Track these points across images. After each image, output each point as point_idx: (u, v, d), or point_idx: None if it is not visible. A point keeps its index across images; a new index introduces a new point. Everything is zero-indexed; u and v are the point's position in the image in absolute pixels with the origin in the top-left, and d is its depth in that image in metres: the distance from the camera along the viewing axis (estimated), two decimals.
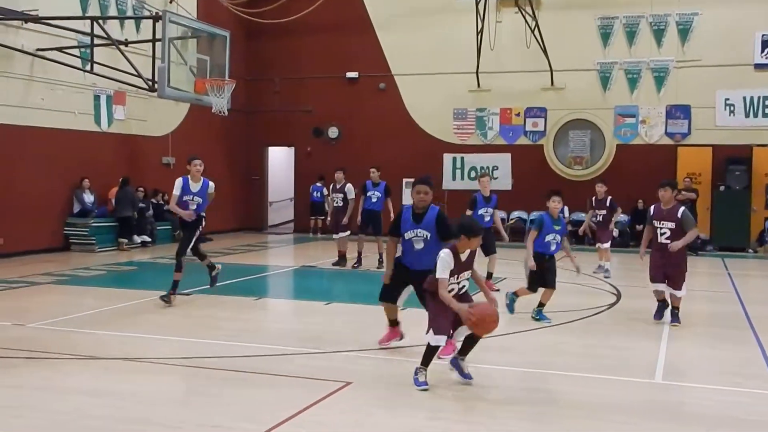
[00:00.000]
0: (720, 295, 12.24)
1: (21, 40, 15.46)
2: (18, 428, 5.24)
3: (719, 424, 5.57)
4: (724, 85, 19.64)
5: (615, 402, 6.11)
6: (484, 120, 21.70)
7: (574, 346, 8.21)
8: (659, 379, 6.84)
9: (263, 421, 5.38)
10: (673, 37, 20.11)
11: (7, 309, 9.91)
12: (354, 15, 22.19)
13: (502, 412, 5.80)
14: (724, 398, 6.25)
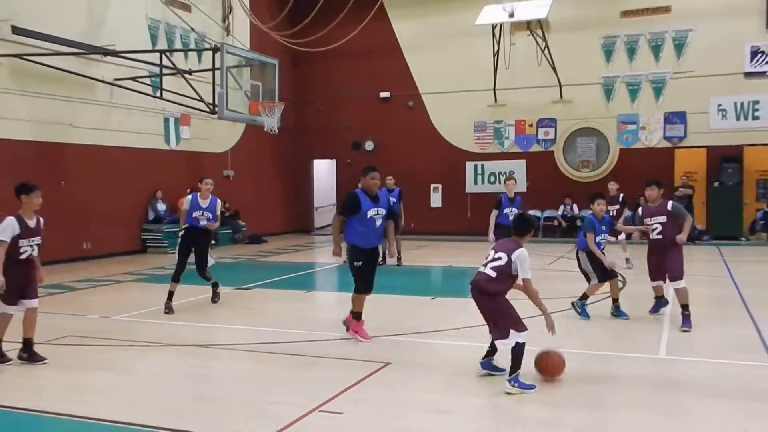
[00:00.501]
0: (716, 280, 12.06)
1: (102, 71, 15.71)
2: (106, 407, 5.33)
3: (718, 393, 5.52)
4: (716, 92, 19.30)
5: (624, 375, 6.09)
6: (501, 131, 21.59)
7: (584, 327, 8.16)
8: (663, 355, 6.79)
9: (315, 397, 5.45)
10: (669, 52, 19.81)
11: (94, 303, 10.11)
12: (385, 41, 22.22)
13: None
14: (722, 370, 6.19)
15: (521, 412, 5.19)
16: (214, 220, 9.77)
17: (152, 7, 17.25)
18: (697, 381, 5.93)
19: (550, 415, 5.13)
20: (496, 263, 5.77)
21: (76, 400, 5.49)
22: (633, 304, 9.02)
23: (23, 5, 14.00)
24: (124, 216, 16.68)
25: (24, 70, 14.03)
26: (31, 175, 14.05)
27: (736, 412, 5.14)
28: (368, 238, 7.44)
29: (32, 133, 14.36)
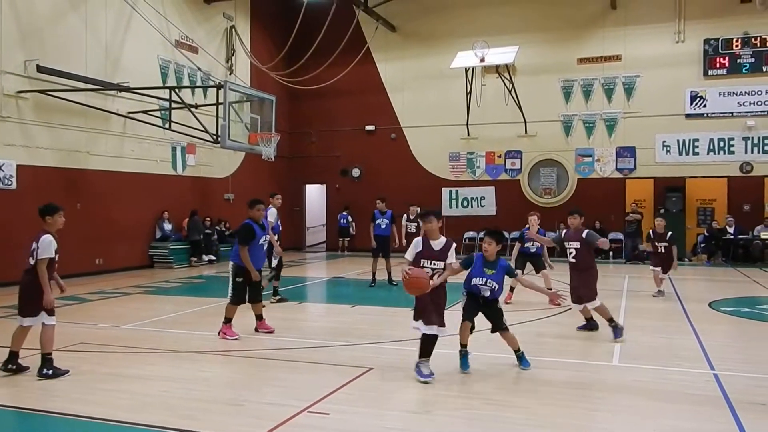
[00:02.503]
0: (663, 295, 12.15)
1: (116, 105, 15.68)
2: (115, 407, 5.27)
3: (666, 397, 5.55)
4: (661, 130, 19.62)
5: (582, 381, 6.09)
6: (473, 161, 21.74)
7: (547, 337, 8.19)
8: (616, 362, 6.82)
9: (305, 398, 5.41)
10: (620, 94, 20.13)
11: (106, 314, 9.98)
12: (371, 81, 22.38)
13: (496, 389, 5.80)
14: (669, 376, 6.22)
15: (494, 413, 5.18)
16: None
17: (163, 48, 17.28)
18: (645, 386, 5.94)
19: (519, 417, 5.12)
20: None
21: (89, 402, 5.41)
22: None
23: (47, 46, 13.97)
24: (133, 234, 16.54)
25: (47, 104, 13.96)
26: (52, 197, 13.92)
27: (672, 413, 5.17)
28: (257, 260, 8.10)
29: (53, 160, 14.26)
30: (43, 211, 6.47)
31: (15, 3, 13.29)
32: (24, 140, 13.59)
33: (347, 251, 22.17)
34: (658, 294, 11.64)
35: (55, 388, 5.83)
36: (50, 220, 6.42)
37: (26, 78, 13.54)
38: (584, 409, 5.27)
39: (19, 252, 12.78)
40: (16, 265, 13.45)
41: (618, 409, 5.27)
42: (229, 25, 20.12)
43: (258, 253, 8.11)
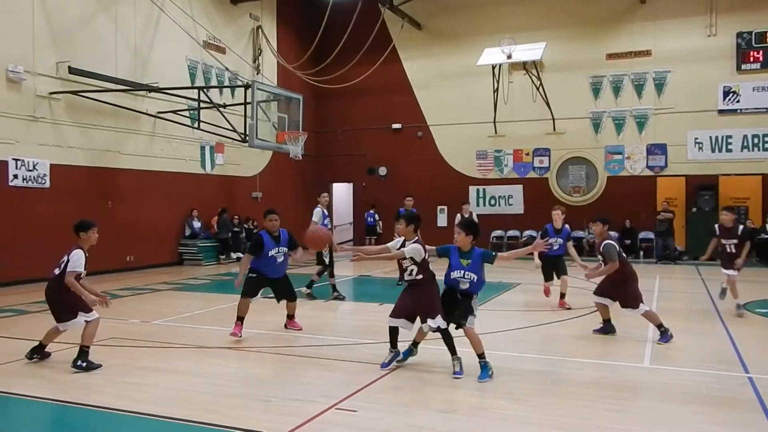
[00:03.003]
0: (695, 296, 11.92)
1: (146, 105, 15.91)
2: (142, 401, 5.34)
3: (697, 400, 5.43)
4: (693, 126, 19.25)
5: (611, 382, 5.99)
6: (500, 159, 21.58)
7: (573, 337, 8.07)
8: (647, 364, 6.69)
9: (333, 395, 5.41)
10: (650, 90, 19.80)
11: (135, 310, 10.12)
12: (397, 79, 22.35)
13: (523, 390, 5.74)
14: (701, 379, 6.08)
15: (520, 414, 5.12)
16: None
17: (191, 49, 17.47)
18: (676, 388, 5.82)
19: (544, 417, 5.05)
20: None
21: (119, 395, 5.48)
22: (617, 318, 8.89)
23: (78, 48, 14.23)
24: (163, 232, 16.76)
25: (78, 105, 14.21)
26: (84, 196, 14.27)
27: (703, 416, 5.05)
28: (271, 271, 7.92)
29: (85, 160, 14.51)
30: (77, 227, 6.56)
31: (47, 6, 13.56)
32: (57, 140, 13.86)
33: None
34: (738, 310, 9.50)
35: (86, 381, 5.93)
36: (84, 236, 6.53)
37: (58, 79, 13.80)
38: (612, 410, 5.17)
39: (51, 249, 13.06)
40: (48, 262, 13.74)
41: (647, 411, 5.17)
42: (256, 25, 20.26)
43: (270, 263, 7.84)
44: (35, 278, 12.74)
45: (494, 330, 8.39)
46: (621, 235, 19.74)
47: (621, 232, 19.72)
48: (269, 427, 4.68)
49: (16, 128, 12.98)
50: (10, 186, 12.82)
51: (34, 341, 6.79)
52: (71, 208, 13.78)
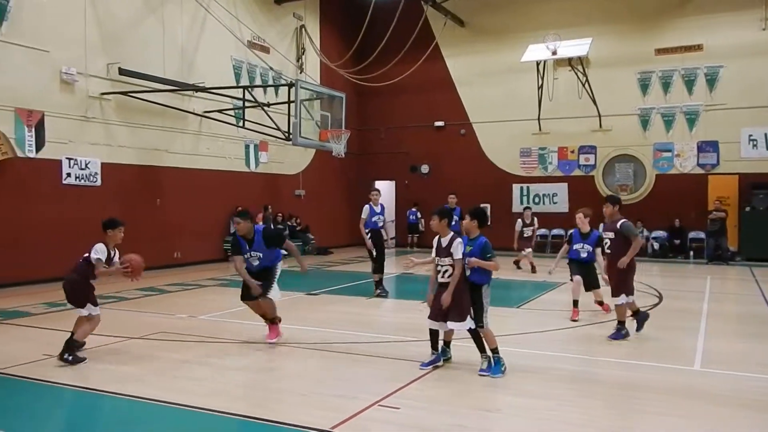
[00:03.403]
0: (748, 298, 11.53)
1: (192, 105, 16.24)
2: (189, 393, 5.46)
3: (748, 405, 5.26)
4: (747, 123, 18.58)
5: (659, 385, 5.86)
6: (545, 156, 21.30)
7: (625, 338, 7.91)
8: (697, 367, 6.52)
9: (376, 392, 5.44)
10: (701, 86, 19.21)
11: (182, 305, 10.35)
12: (440, 76, 22.27)
13: (569, 391, 5.66)
14: (752, 383, 5.90)
15: (565, 414, 5.06)
16: (385, 222, 11.31)
17: (236, 49, 17.76)
18: (726, 393, 5.65)
19: (587, 418, 4.98)
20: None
21: (165, 388, 5.63)
22: (666, 319, 8.70)
23: (128, 50, 14.61)
24: (209, 229, 17.08)
25: (128, 105, 14.60)
26: (133, 194, 14.66)
27: (751, 422, 4.89)
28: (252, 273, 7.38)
29: (134, 158, 14.90)
30: (106, 225, 6.80)
31: (98, 10, 13.97)
32: (107, 139, 14.27)
33: (416, 247, 22.16)
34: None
35: (133, 374, 6.10)
36: (111, 234, 6.76)
37: (109, 80, 14.21)
38: (659, 414, 5.05)
39: None
40: None
41: (694, 415, 5.03)
42: (299, 24, 20.47)
43: (248, 266, 7.37)
44: None
45: (536, 330, 8.31)
46: (670, 235, 19.29)
47: (670, 232, 19.27)
48: (312, 422, 4.73)
49: (70, 128, 13.42)
50: (64, 184, 13.26)
51: (91, 334, 7.03)
52: (121, 206, 14.19)
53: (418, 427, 4.68)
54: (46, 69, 12.89)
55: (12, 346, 7.34)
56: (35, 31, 12.64)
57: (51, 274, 12.68)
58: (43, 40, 12.77)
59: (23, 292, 11.53)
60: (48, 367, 6.33)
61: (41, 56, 12.75)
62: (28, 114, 12.52)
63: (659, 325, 8.75)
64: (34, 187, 12.68)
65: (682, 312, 9.66)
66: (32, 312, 9.59)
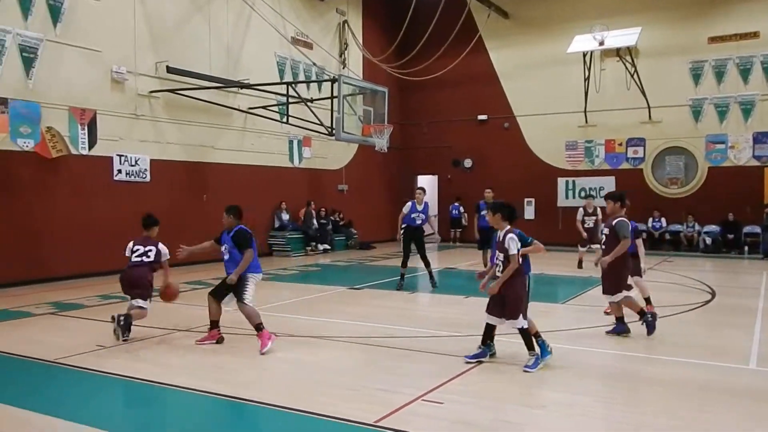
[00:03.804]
0: None
1: (238, 101, 16.49)
2: (236, 385, 5.54)
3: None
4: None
5: (710, 383, 5.70)
6: (591, 149, 20.88)
7: (674, 335, 7.72)
8: (753, 366, 6.31)
9: (419, 387, 5.45)
10: (758, 75, 18.50)
11: (230, 298, 10.53)
12: (483, 69, 22.06)
13: (613, 388, 5.56)
14: None
15: (611, 412, 4.97)
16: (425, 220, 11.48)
17: (280, 45, 17.95)
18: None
19: (636, 418, 4.88)
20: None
21: (211, 378, 5.75)
22: (719, 316, 8.44)
23: (176, 49, 14.93)
24: (253, 224, 17.14)
25: (176, 103, 14.93)
26: (180, 189, 15.00)
27: None
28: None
29: (182, 155, 15.24)
30: (155, 222, 7.90)
31: (147, 10, 14.31)
32: (156, 136, 14.63)
33: (459, 242, 22.07)
34: None
35: (180, 365, 6.26)
36: (155, 230, 7.85)
37: (157, 79, 14.55)
38: (712, 413, 4.92)
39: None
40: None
41: (749, 415, 4.88)
42: (342, 19, 20.55)
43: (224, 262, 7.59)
44: None
45: (581, 326, 8.17)
46: (723, 229, 18.69)
47: (723, 226, 18.67)
48: (356, 415, 4.77)
49: (120, 126, 13.81)
50: (115, 180, 13.66)
51: (141, 326, 7.27)
52: (169, 202, 14.55)
53: (462, 422, 4.67)
54: (98, 68, 13.29)
55: (67, 337, 7.61)
56: (88, 31, 13.03)
57: (103, 268, 13.12)
58: (95, 41, 13.16)
59: (77, 285, 11.94)
60: (101, 358, 6.54)
61: (94, 56, 13.14)
62: (81, 112, 12.94)
63: (712, 323, 8.52)
64: (87, 183, 13.10)
65: (736, 309, 9.36)
66: (86, 304, 9.92)
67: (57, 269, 12.44)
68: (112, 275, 13.07)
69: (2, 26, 11.57)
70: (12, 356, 6.68)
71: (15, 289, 11.29)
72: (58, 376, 6.00)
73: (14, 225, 11.85)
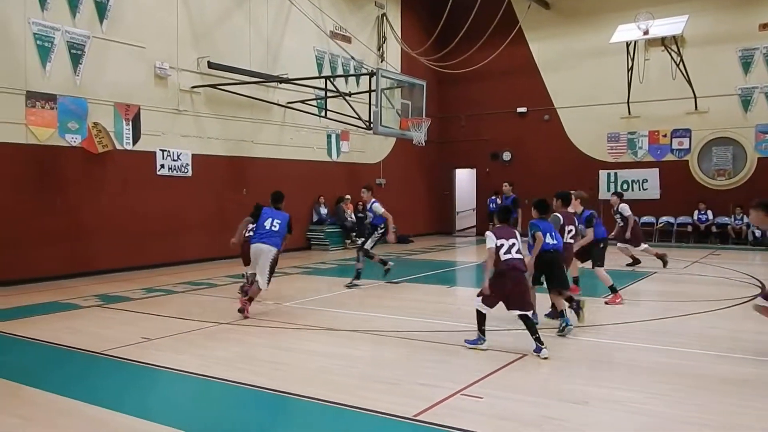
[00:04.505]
0: None
1: (277, 96, 16.61)
2: (277, 378, 5.61)
3: None
4: None
5: (760, 379, 5.51)
6: (634, 141, 20.40)
7: (723, 330, 7.49)
8: None
9: (458, 381, 5.41)
10: None
11: (270, 292, 10.56)
12: (522, 61, 21.73)
13: (658, 383, 5.42)
14: None
15: (656, 408, 4.84)
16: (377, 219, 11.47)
17: (318, 39, 18.01)
18: None
19: (685, 414, 4.74)
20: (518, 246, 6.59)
21: (257, 372, 5.81)
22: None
23: (217, 44, 15.11)
24: (293, 218, 17.40)
25: (216, 98, 15.12)
26: (221, 184, 15.20)
27: None
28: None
29: (223, 149, 15.43)
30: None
31: (189, 6, 14.51)
32: (197, 131, 14.85)
33: None
34: None
35: (222, 357, 6.34)
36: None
37: (199, 74, 14.75)
38: (756, 409, 4.74)
39: (192, 233, 14.03)
40: (189, 245, 14.72)
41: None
42: (380, 13, 20.49)
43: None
44: (177, 261, 13.84)
45: (628, 320, 7.99)
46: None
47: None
48: (396, 409, 4.76)
49: (163, 121, 14.05)
50: (158, 175, 13.92)
51: (185, 319, 7.37)
52: (210, 196, 14.76)
53: (502, 417, 4.62)
54: (142, 64, 13.54)
55: (113, 329, 7.79)
56: (132, 28, 13.29)
57: (148, 261, 13.43)
58: (139, 37, 13.41)
59: (122, 278, 12.22)
60: (145, 350, 6.68)
61: (138, 52, 13.40)
62: (126, 108, 13.21)
63: (761, 317, 8.22)
64: (131, 178, 13.38)
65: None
66: (131, 297, 10.14)
67: (103, 263, 12.75)
68: (155, 269, 13.40)
69: (52, 24, 11.89)
70: (59, 347, 6.87)
71: (63, 282, 11.63)
72: (102, 367, 6.15)
73: (62, 219, 12.19)
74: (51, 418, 4.75)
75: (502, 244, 6.50)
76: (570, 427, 4.47)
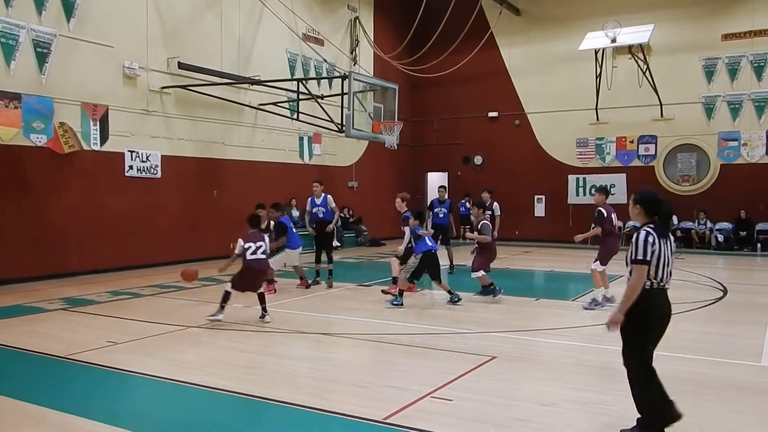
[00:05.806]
0: None
1: (249, 98, 16.49)
2: (245, 381, 5.56)
3: None
4: None
5: (721, 380, 5.63)
6: (602, 147, 20.75)
7: (685, 332, 7.64)
8: (765, 363, 6.24)
9: (428, 384, 5.42)
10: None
11: (239, 295, 10.49)
12: (494, 66, 21.95)
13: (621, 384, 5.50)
14: None
15: (623, 410, 4.92)
16: (329, 213, 11.95)
17: (291, 41, 17.93)
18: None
19: None
20: None
21: (224, 376, 5.75)
22: (731, 314, 8.34)
23: (187, 45, 14.94)
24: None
25: (187, 99, 14.94)
26: (191, 185, 15.02)
27: None
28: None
29: (193, 151, 15.24)
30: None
31: (159, 6, 14.33)
32: (167, 132, 14.65)
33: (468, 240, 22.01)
34: None
35: (191, 361, 6.26)
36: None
37: (169, 74, 14.57)
38: (723, 411, 4.86)
39: (161, 235, 13.82)
40: (160, 248, 14.47)
41: (762, 412, 4.81)
42: (353, 16, 20.50)
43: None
44: (146, 263, 13.62)
45: (590, 323, 8.11)
46: (735, 227, 18.54)
47: (736, 224, 18.51)
48: (365, 412, 4.75)
49: (132, 121, 13.84)
50: (127, 176, 13.69)
51: (152, 322, 7.25)
52: (180, 197, 14.57)
53: (472, 419, 4.64)
54: (111, 64, 13.31)
55: (78, 332, 7.64)
56: (100, 27, 13.06)
57: (116, 264, 13.19)
58: (108, 36, 13.18)
59: (89, 281, 11.99)
60: (111, 354, 6.56)
61: (107, 52, 13.17)
62: (93, 108, 12.98)
63: (723, 319, 8.43)
64: (99, 179, 13.14)
65: (748, 306, 9.25)
66: (97, 300, 9.95)
67: (69, 265, 12.50)
68: (123, 271, 13.17)
69: (16, 21, 11.63)
70: (24, 351, 6.71)
71: (28, 285, 11.35)
72: (68, 372, 6.02)
73: (26, 220, 11.92)
74: (16, 425, 4.63)
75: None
76: (538, 429, 4.51)
